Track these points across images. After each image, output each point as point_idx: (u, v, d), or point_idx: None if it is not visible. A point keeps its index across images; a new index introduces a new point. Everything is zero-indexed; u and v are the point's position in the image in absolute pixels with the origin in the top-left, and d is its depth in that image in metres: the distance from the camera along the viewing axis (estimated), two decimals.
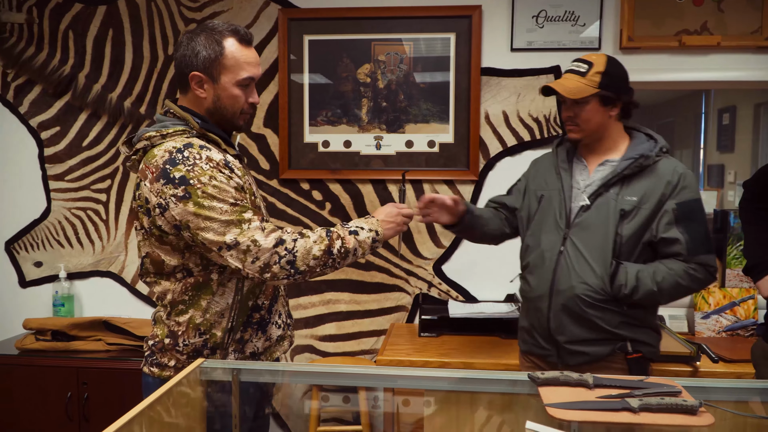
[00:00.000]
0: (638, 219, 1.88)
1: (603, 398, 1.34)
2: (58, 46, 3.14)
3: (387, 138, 3.03)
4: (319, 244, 1.66)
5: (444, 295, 3.07)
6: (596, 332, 1.92)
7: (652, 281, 1.86)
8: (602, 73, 1.91)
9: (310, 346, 3.14)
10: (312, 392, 2.98)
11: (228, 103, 1.72)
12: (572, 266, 1.93)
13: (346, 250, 1.69)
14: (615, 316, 1.91)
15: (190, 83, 1.71)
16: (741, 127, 4.72)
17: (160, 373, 1.75)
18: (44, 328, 2.92)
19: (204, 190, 1.58)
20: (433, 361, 2.45)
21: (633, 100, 2.00)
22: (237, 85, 1.71)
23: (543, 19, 2.91)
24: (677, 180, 1.88)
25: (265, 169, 3.10)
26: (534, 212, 2.09)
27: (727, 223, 2.86)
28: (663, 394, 1.33)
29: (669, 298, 1.90)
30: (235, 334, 1.74)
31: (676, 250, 1.87)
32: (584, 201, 1.96)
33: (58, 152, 3.20)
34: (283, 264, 1.61)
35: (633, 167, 1.91)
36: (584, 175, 2.01)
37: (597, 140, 2.00)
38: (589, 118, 1.94)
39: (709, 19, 2.82)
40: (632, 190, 1.90)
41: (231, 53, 1.69)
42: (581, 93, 1.91)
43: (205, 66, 1.69)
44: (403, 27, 2.98)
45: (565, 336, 1.95)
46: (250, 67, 1.71)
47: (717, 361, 2.40)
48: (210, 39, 1.69)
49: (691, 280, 1.87)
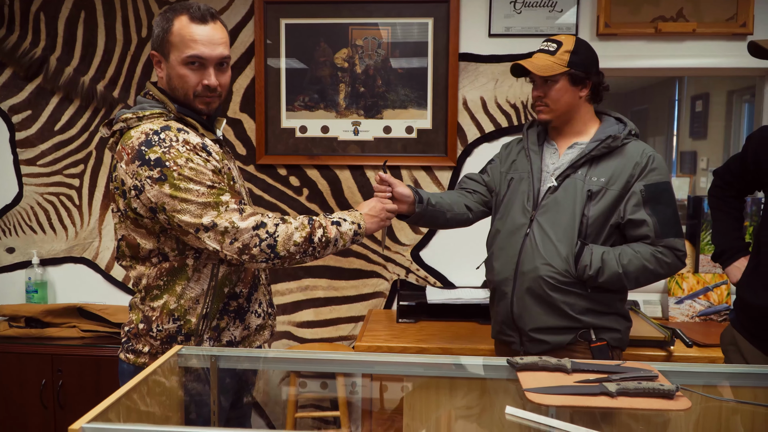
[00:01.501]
0: (605, 200, 1.88)
1: (581, 383, 1.36)
2: (30, 29, 3.07)
3: (365, 123, 3.02)
4: (301, 231, 1.65)
5: (422, 281, 3.08)
6: (560, 318, 1.91)
7: (617, 263, 1.84)
8: (571, 52, 1.92)
9: (287, 333, 3.13)
10: (290, 378, 2.98)
11: (177, 83, 1.67)
12: (537, 248, 1.92)
13: (327, 239, 1.68)
14: (580, 300, 1.90)
15: (153, 62, 1.71)
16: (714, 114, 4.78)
17: (135, 359, 1.74)
18: (18, 315, 2.88)
19: (180, 172, 1.56)
20: (411, 346, 2.46)
21: (603, 82, 2.00)
22: (183, 64, 1.64)
23: (521, 5, 2.91)
24: (646, 162, 1.88)
25: (241, 155, 3.08)
26: (503, 195, 2.08)
27: (700, 209, 2.90)
28: (640, 378, 1.35)
29: (636, 283, 1.89)
30: (210, 322, 1.73)
31: (643, 232, 1.87)
32: (552, 183, 1.96)
33: (29, 136, 3.14)
34: (263, 247, 1.60)
35: (601, 148, 1.91)
36: (554, 158, 2.01)
37: (566, 122, 1.99)
38: (558, 98, 1.94)
39: (685, 6, 2.85)
40: (600, 171, 1.90)
41: (177, 30, 1.63)
42: (550, 70, 1.92)
43: (157, 44, 1.67)
44: (381, 11, 2.96)
45: (527, 323, 1.94)
46: (196, 45, 1.63)
47: (691, 346, 2.44)
48: (163, 16, 1.67)
49: (659, 263, 1.86)
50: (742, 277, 2.04)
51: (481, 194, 2.18)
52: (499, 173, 2.15)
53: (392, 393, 2.18)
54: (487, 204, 2.19)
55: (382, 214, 1.84)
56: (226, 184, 1.65)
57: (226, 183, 1.66)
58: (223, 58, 1.69)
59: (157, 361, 1.52)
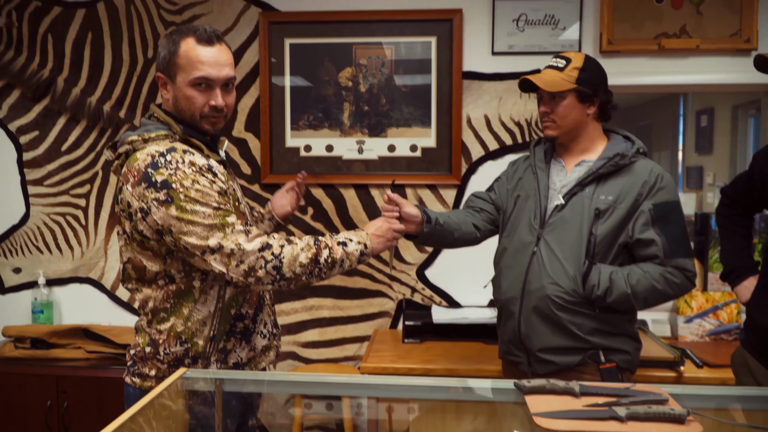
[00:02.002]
0: (613, 219, 1.86)
1: (590, 407, 1.34)
2: (37, 50, 3.10)
3: (369, 142, 3.02)
4: (307, 251, 1.64)
5: (427, 301, 3.06)
6: (567, 338, 1.88)
7: (626, 283, 1.82)
8: (580, 69, 1.91)
9: (293, 353, 3.12)
10: (295, 399, 2.96)
11: (184, 104, 1.67)
12: (544, 266, 1.90)
13: (333, 260, 1.67)
14: (588, 320, 1.87)
15: (158, 85, 1.72)
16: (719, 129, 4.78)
17: (142, 383, 1.73)
18: (23, 336, 2.88)
19: (186, 194, 1.56)
20: (418, 368, 2.44)
21: (611, 101, 1.99)
22: (190, 85, 1.65)
23: (523, 22, 2.92)
24: (654, 180, 1.87)
25: (246, 174, 3.08)
26: (510, 213, 2.07)
27: (708, 226, 2.88)
28: (650, 402, 1.33)
29: (644, 303, 1.87)
30: (217, 344, 1.72)
31: (652, 252, 1.85)
32: (559, 200, 1.94)
33: (36, 157, 3.15)
34: (269, 269, 1.59)
35: (609, 166, 1.89)
36: (561, 175, 2.00)
37: (574, 139, 1.98)
38: (565, 114, 1.93)
39: (688, 23, 2.85)
40: (608, 190, 1.89)
41: (184, 52, 1.64)
42: (558, 86, 1.91)
43: (163, 66, 1.68)
44: (385, 30, 2.97)
45: (534, 343, 1.92)
46: (204, 67, 1.64)
47: (701, 366, 2.41)
48: (169, 39, 1.68)
49: (668, 284, 1.84)
50: (752, 297, 2.02)
51: (489, 212, 2.17)
52: (506, 191, 2.14)
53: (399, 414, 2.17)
54: (494, 222, 2.17)
55: (389, 234, 1.83)
56: (231, 205, 1.65)
57: (231, 204, 1.66)
58: (229, 79, 1.70)
59: (162, 384, 1.51)
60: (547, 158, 2.05)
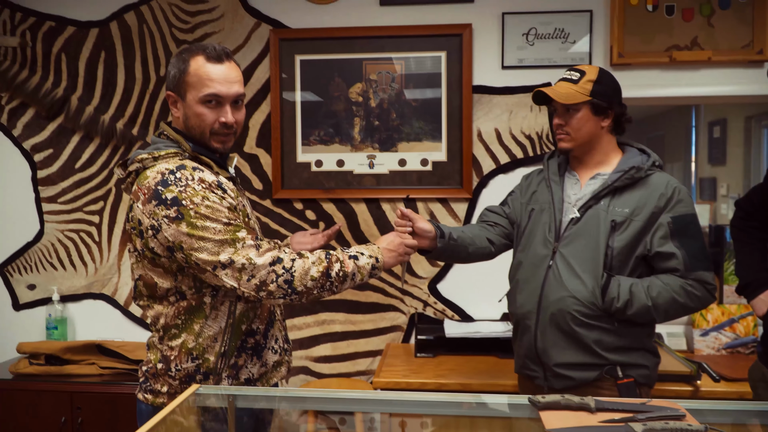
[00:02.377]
0: (630, 231, 1.85)
1: (606, 423, 1.33)
2: (51, 69, 3.14)
3: (380, 157, 3.03)
4: (318, 265, 1.64)
5: (440, 315, 3.05)
6: (585, 354, 1.87)
7: (646, 296, 1.81)
8: (594, 81, 1.91)
9: (305, 368, 3.11)
10: (308, 415, 2.95)
11: (194, 122, 1.69)
12: (561, 280, 1.89)
13: (344, 274, 1.67)
14: (606, 335, 1.86)
15: (168, 103, 1.74)
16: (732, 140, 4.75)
17: (154, 399, 1.73)
18: (38, 352, 2.89)
19: (197, 211, 1.57)
20: (431, 382, 2.42)
21: (626, 113, 1.98)
22: (201, 102, 1.67)
23: (533, 36, 2.92)
24: (671, 193, 1.86)
25: (258, 189, 3.09)
26: (524, 227, 2.06)
27: (722, 238, 2.86)
28: (667, 418, 1.31)
29: (665, 316, 1.85)
30: (228, 360, 1.72)
31: (672, 265, 1.83)
32: (574, 214, 1.93)
33: (51, 174, 3.18)
34: (280, 283, 1.60)
35: (624, 179, 1.89)
36: (575, 188, 1.99)
37: (588, 152, 1.98)
38: (579, 127, 1.92)
39: (699, 35, 2.84)
40: (624, 202, 1.88)
41: (194, 70, 1.66)
42: (572, 99, 1.90)
43: (174, 85, 1.70)
44: (394, 46, 2.98)
45: (551, 358, 1.91)
46: (214, 84, 1.66)
47: (718, 380, 2.38)
48: (179, 57, 1.70)
49: (689, 297, 1.82)
50: None
51: (503, 227, 2.16)
52: (520, 204, 2.13)
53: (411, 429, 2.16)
54: (508, 236, 2.16)
55: (401, 249, 1.83)
56: (241, 220, 1.66)
57: (241, 219, 1.66)
58: (238, 95, 1.71)
59: (175, 401, 1.52)
60: (561, 171, 2.05)
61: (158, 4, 3.08)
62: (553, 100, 1.94)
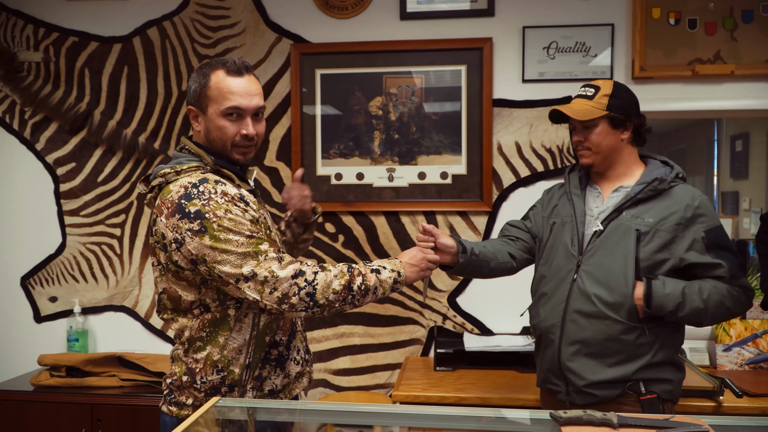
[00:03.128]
0: (656, 241, 1.84)
1: None
2: (74, 84, 3.18)
3: (399, 170, 3.03)
4: (340, 278, 1.64)
5: (459, 328, 3.03)
6: (608, 368, 1.85)
7: (699, 297, 1.79)
8: (609, 96, 1.91)
9: (324, 381, 3.10)
10: (326, 428, 2.94)
11: (216, 135, 1.71)
12: (588, 293, 1.87)
13: (366, 287, 1.67)
14: (633, 349, 1.83)
15: (189, 117, 1.75)
16: (755, 154, 4.70)
17: (179, 412, 1.74)
18: (59, 364, 2.91)
19: (220, 224, 1.59)
20: (450, 396, 2.41)
21: (645, 124, 1.97)
22: (222, 115, 1.69)
23: (554, 50, 2.92)
24: (698, 204, 1.84)
25: (278, 203, 3.11)
26: (546, 241, 2.05)
27: (746, 252, 2.83)
28: None
29: (713, 319, 1.84)
30: (253, 371, 1.73)
31: (719, 273, 1.82)
32: (597, 227, 1.92)
33: (73, 188, 3.22)
34: (303, 296, 1.60)
35: (647, 191, 1.88)
36: (598, 201, 1.98)
37: (610, 166, 1.97)
38: (599, 141, 1.92)
39: (722, 48, 2.82)
40: (648, 213, 1.86)
41: (215, 84, 1.69)
42: (589, 115, 1.90)
43: (195, 99, 1.72)
44: (414, 60, 3.00)
45: (578, 375, 1.89)
46: (235, 97, 1.68)
47: (741, 396, 2.34)
48: (200, 72, 1.72)
49: (734, 301, 1.82)
50: None
51: (525, 241, 2.15)
52: (542, 218, 2.13)
53: None
54: (530, 251, 2.15)
55: (423, 264, 1.83)
56: (264, 233, 1.67)
57: (264, 232, 1.67)
58: (258, 108, 1.74)
59: (195, 414, 1.52)
60: (582, 185, 2.04)
61: (180, 19, 3.12)
62: (570, 117, 1.93)
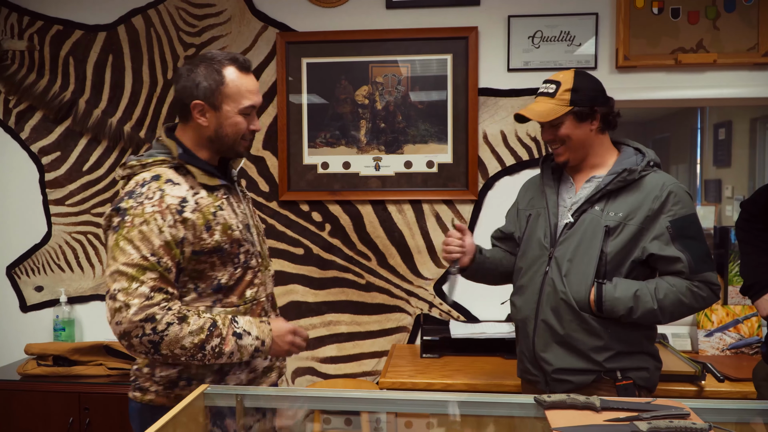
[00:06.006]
0: (624, 235, 1.83)
1: (611, 421, 1.34)
2: (59, 73, 3.16)
3: (386, 159, 3.04)
4: (194, 336, 1.60)
5: (445, 316, 3.06)
6: (582, 359, 1.87)
7: (653, 299, 1.80)
8: (571, 90, 1.88)
9: (311, 368, 3.13)
10: (314, 415, 2.96)
11: (230, 130, 1.73)
12: (555, 286, 1.88)
13: (220, 351, 1.64)
14: (601, 340, 1.85)
15: (192, 112, 1.72)
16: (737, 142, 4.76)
17: (142, 397, 1.74)
18: (46, 353, 2.91)
19: (129, 231, 1.59)
20: (437, 382, 2.44)
21: (613, 110, 1.94)
22: (239, 113, 1.73)
23: (539, 39, 2.93)
24: (666, 195, 1.83)
25: (264, 191, 3.11)
26: (523, 232, 2.06)
27: (727, 239, 2.87)
28: (671, 416, 1.32)
29: (670, 317, 1.84)
30: (211, 365, 1.72)
31: (678, 268, 1.81)
32: (568, 218, 1.92)
33: (58, 177, 3.21)
34: (145, 342, 1.57)
35: (617, 182, 1.86)
36: (571, 192, 1.97)
37: (583, 158, 1.95)
38: (567, 135, 1.90)
39: (705, 37, 2.85)
40: (617, 206, 1.86)
41: (232, 81, 1.71)
42: (552, 114, 1.89)
43: (206, 95, 1.70)
44: (400, 49, 3.00)
45: (550, 364, 1.91)
46: (251, 96, 1.74)
47: (723, 380, 2.38)
48: (210, 69, 1.71)
49: (695, 298, 1.81)
50: None
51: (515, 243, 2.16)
52: (517, 211, 2.15)
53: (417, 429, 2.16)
54: None
55: (286, 345, 1.79)
56: (167, 261, 1.61)
57: (168, 260, 1.61)
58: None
59: (184, 401, 1.53)
60: (556, 175, 2.04)
61: (166, 7, 3.10)
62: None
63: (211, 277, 1.71)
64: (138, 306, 1.55)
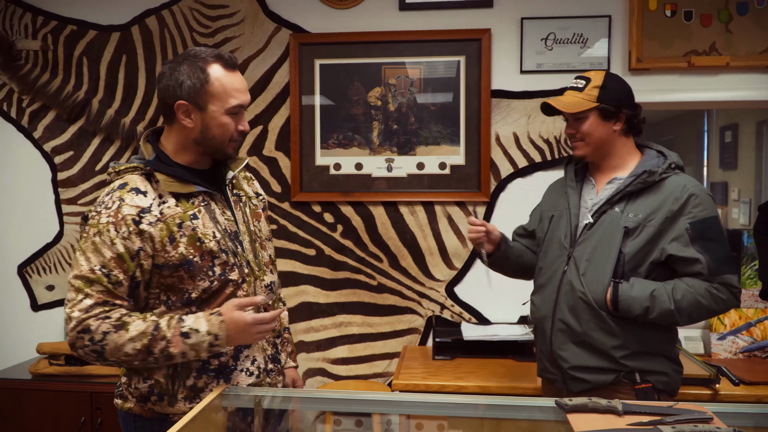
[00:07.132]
0: (643, 237, 1.84)
1: (634, 425, 1.34)
2: (73, 73, 3.17)
3: (398, 160, 3.05)
4: (136, 342, 1.54)
5: (457, 318, 3.06)
6: (599, 358, 1.88)
7: (669, 299, 1.79)
8: (600, 87, 1.91)
9: (322, 370, 3.13)
10: (325, 416, 2.97)
11: (217, 132, 1.65)
12: (573, 286, 1.90)
13: (169, 353, 1.57)
14: (619, 339, 1.85)
15: (177, 113, 1.64)
16: (744, 145, 4.74)
17: (123, 404, 1.72)
18: (57, 353, 2.91)
19: (85, 241, 1.59)
20: (450, 384, 2.44)
21: (639, 115, 1.96)
22: (226, 113, 1.64)
23: (552, 41, 2.94)
24: (687, 197, 1.83)
25: (276, 192, 3.11)
26: (545, 233, 2.08)
27: (740, 242, 2.86)
28: (695, 421, 1.33)
29: (689, 319, 1.83)
30: (182, 381, 1.65)
31: (696, 269, 1.81)
32: (588, 219, 1.94)
33: (71, 176, 3.22)
34: (89, 351, 1.56)
35: (637, 184, 1.88)
36: (592, 194, 2.00)
37: (604, 157, 1.98)
38: (590, 132, 1.93)
39: (718, 40, 2.85)
40: (637, 207, 1.87)
41: (217, 80, 1.62)
42: (578, 107, 1.92)
43: (190, 95, 1.62)
44: (413, 51, 3.00)
45: (567, 361, 1.92)
46: (238, 95, 1.65)
47: (738, 384, 2.38)
48: (193, 67, 1.62)
49: (714, 300, 1.80)
50: None
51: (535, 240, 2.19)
52: (541, 212, 2.17)
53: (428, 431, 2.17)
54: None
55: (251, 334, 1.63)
56: (116, 276, 1.57)
57: (117, 275, 1.57)
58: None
59: (203, 402, 1.54)
60: (579, 177, 2.06)
61: (179, 8, 3.11)
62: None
63: (182, 290, 1.65)
64: (77, 319, 1.54)
